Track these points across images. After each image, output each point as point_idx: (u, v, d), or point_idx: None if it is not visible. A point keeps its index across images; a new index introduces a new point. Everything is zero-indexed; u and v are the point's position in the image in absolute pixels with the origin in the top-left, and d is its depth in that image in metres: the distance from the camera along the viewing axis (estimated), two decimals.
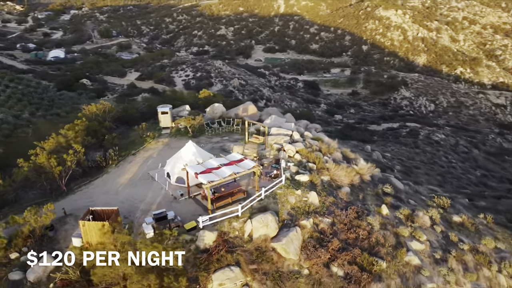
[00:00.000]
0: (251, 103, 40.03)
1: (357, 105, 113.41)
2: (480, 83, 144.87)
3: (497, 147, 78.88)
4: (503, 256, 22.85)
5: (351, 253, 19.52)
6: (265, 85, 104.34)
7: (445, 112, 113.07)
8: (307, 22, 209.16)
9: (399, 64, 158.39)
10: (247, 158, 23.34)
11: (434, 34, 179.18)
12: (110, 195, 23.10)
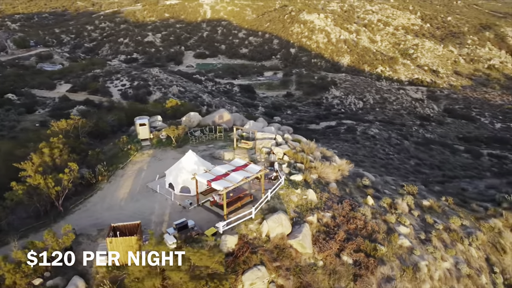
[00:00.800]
0: (225, 110, 41.00)
1: (293, 106, 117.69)
2: (398, 80, 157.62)
3: (422, 138, 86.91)
4: (469, 232, 26.16)
5: (355, 242, 21.32)
6: (203, 91, 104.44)
7: (372, 109, 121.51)
8: (235, 27, 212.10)
9: (326, 65, 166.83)
10: (251, 163, 24.27)
11: (354, 36, 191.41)
12: (115, 211, 22.59)
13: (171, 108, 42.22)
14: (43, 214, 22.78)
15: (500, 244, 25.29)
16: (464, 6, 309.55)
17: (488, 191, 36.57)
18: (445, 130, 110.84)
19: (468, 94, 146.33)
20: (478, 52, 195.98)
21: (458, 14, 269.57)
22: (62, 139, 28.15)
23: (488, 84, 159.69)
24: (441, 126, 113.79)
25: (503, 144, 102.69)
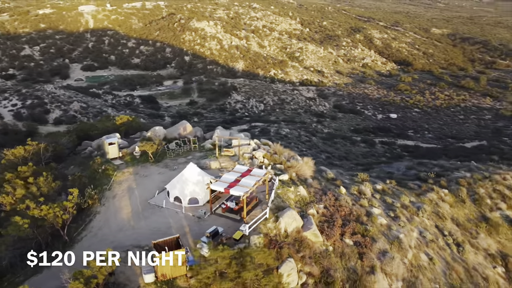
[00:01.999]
0: (186, 122, 40.77)
1: (198, 113, 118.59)
2: (290, 81, 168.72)
3: (325, 133, 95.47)
4: (418, 206, 31.02)
5: (350, 226, 24.16)
6: (106, 105, 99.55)
7: (273, 110, 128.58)
8: (123, 36, 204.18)
9: (222, 71, 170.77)
10: (254, 167, 25.30)
11: (245, 42, 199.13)
12: (129, 231, 21.73)
13: (123, 125, 40.53)
14: (45, 247, 20.88)
15: (440, 213, 30.65)
16: (334, 12, 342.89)
17: (409, 171, 43.15)
18: (338, 124, 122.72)
19: (351, 90, 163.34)
20: (352, 52, 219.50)
21: (331, 19, 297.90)
22: (32, 167, 25.64)
23: (365, 80, 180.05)
24: (334, 121, 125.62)
25: (386, 132, 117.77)
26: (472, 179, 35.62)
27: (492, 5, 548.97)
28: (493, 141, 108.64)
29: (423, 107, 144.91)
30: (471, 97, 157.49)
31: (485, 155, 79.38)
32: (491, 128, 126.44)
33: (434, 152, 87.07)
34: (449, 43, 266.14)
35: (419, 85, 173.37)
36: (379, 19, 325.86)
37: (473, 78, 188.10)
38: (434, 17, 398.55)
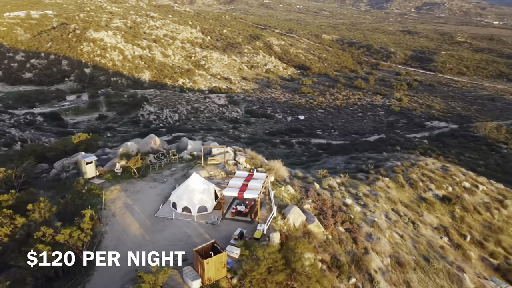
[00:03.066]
0: (155, 136, 40.24)
1: (110, 128, 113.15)
2: (200, 89, 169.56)
3: (246, 137, 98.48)
4: (374, 194, 34.54)
5: (339, 216, 26.18)
6: (5, 125, 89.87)
7: (187, 119, 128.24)
8: (8, 49, 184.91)
9: (128, 83, 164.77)
10: (254, 171, 25.77)
11: (148, 52, 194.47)
12: (149, 246, 21.26)
13: (82, 143, 38.03)
14: (62, 274, 19.01)
15: (391, 198, 34.75)
16: (232, 20, 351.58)
17: (349, 165, 47.49)
18: (253, 129, 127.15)
19: (259, 95, 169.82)
20: (255, 59, 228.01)
21: (230, 27, 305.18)
22: (15, 194, 22.86)
23: (271, 85, 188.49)
24: (249, 126, 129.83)
25: (298, 133, 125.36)
26: (403, 167, 41.15)
27: (368, 13, 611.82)
28: (389, 133, 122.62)
29: (326, 107, 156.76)
30: (364, 96, 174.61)
31: (390, 146, 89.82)
32: (385, 122, 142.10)
33: (345, 147, 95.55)
34: (338, 48, 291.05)
35: (319, 87, 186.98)
36: (274, 26, 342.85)
37: (363, 78, 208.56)
38: (322, 24, 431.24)
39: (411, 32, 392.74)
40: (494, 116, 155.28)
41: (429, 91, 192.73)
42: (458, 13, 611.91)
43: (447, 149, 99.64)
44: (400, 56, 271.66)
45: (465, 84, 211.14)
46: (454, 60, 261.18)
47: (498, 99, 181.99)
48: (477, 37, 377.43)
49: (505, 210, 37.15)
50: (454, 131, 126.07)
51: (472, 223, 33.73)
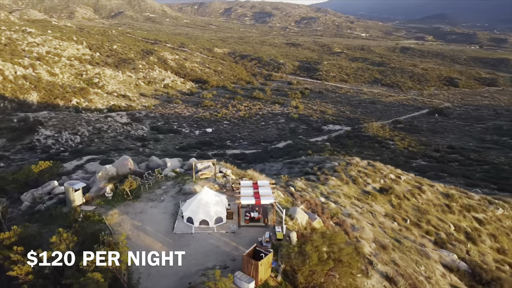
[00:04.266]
0: (128, 157, 38.65)
1: (3, 157, 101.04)
2: (97, 109, 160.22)
3: (162, 155, 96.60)
4: (333, 191, 37.55)
5: (327, 213, 28.05)
6: None
7: (91, 140, 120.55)
8: None
9: (12, 106, 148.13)
10: (258, 179, 25.93)
11: (31, 71, 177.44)
12: (184, 261, 21.54)
13: (45, 172, 34.59)
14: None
15: (345, 194, 38.24)
16: (119, 35, 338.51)
17: (292, 170, 50.27)
18: (163, 145, 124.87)
19: (162, 111, 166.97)
20: (151, 74, 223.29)
21: (119, 42, 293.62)
22: (18, 230, 19.49)
23: (172, 100, 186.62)
24: (158, 143, 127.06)
25: (209, 146, 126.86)
26: (342, 166, 45.56)
27: (253, 27, 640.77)
28: (294, 139, 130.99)
29: (230, 119, 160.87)
30: (264, 105, 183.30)
31: (302, 151, 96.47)
32: (288, 129, 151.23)
33: (260, 155, 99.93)
34: (231, 61, 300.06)
35: (220, 100, 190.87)
36: (165, 41, 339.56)
37: (260, 89, 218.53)
38: (212, 38, 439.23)
39: (294, 44, 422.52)
40: (377, 116, 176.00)
41: (320, 97, 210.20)
42: (331, 26, 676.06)
43: (348, 149, 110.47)
44: (289, 67, 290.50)
45: (348, 90, 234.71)
46: (336, 68, 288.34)
47: (377, 102, 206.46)
48: (350, 47, 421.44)
49: (424, 194, 43.83)
50: (348, 133, 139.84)
51: (406, 209, 39.30)
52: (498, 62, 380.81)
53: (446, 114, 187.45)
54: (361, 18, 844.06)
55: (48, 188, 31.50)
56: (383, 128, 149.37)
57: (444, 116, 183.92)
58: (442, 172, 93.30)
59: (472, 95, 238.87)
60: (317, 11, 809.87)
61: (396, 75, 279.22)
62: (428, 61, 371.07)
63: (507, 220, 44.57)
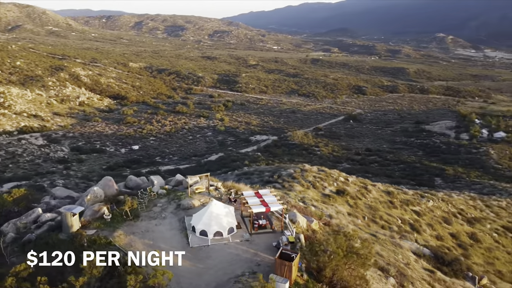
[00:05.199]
0: (111, 178, 36.98)
1: None
2: (6, 131, 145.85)
3: (84, 176, 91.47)
4: (303, 196, 39.11)
5: (314, 215, 29.29)
6: None
7: (5, 166, 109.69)
8: None
9: None
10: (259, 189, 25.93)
11: None
12: (210, 272, 22.76)
13: (20, 199, 32.01)
14: None
15: (313, 198, 40.03)
16: (21, 50, 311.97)
17: (250, 180, 50.98)
18: (88, 166, 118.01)
19: (81, 130, 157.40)
20: (64, 92, 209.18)
21: (22, 58, 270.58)
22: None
23: (90, 118, 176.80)
24: (82, 164, 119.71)
25: (138, 163, 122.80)
26: (299, 173, 47.70)
27: (166, 41, 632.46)
28: (225, 151, 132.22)
29: (156, 134, 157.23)
30: (189, 119, 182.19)
31: (239, 162, 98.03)
32: (216, 142, 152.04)
33: (196, 169, 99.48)
34: (149, 76, 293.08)
35: (143, 115, 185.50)
36: (74, 56, 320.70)
37: (183, 103, 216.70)
38: (125, 52, 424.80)
39: (211, 58, 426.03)
40: (299, 125, 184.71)
41: (243, 109, 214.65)
42: (244, 39, 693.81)
43: (279, 157, 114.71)
44: (209, 80, 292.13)
45: (268, 101, 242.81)
46: (254, 80, 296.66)
47: (297, 111, 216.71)
48: (265, 60, 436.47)
49: (370, 193, 47.90)
50: (276, 142, 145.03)
51: (362, 207, 42.68)
52: (396, 70, 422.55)
53: (360, 120, 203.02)
54: (272, 31, 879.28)
55: (33, 216, 28.64)
56: (307, 136, 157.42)
57: (358, 122, 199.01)
58: (366, 173, 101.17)
59: (378, 102, 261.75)
60: (229, 24, 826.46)
61: (311, 85, 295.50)
62: (336, 71, 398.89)
63: (437, 210, 50.59)
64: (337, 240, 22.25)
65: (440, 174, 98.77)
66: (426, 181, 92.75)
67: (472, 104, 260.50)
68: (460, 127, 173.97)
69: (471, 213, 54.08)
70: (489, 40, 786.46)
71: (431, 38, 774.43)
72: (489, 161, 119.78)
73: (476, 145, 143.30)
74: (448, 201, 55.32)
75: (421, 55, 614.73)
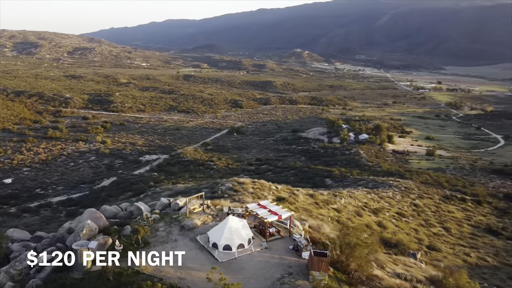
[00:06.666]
0: (95, 210, 33.98)
1: None
2: None
3: None
4: None
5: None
6: None
7: None
8: None
9: None
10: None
11: None
12: (252, 281, 23.77)
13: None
14: None
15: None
16: None
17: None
18: None
19: None
20: None
21: None
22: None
23: None
24: None
25: (16, 199, 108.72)
26: (238, 186, 48.82)
27: (18, 59, 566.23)
28: (117, 175, 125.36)
29: (31, 164, 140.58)
30: (66, 145, 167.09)
31: (142, 184, 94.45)
32: (103, 166, 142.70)
33: (93, 197, 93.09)
34: (5, 99, 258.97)
35: (8, 144, 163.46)
36: None
37: (54, 128, 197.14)
38: None
39: (75, 77, 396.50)
40: (186, 141, 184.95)
41: (124, 130, 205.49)
42: (109, 56, 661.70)
43: (178, 175, 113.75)
44: (78, 101, 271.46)
45: (149, 119, 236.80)
46: (130, 99, 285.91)
47: (181, 128, 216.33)
48: (136, 77, 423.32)
49: (299, 198, 52.12)
50: (169, 160, 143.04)
51: (301, 210, 46.21)
52: (264, 84, 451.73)
53: (243, 132, 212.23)
54: (138, 48, 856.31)
55: (27, 260, 24.14)
56: (197, 151, 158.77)
57: (241, 134, 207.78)
58: (266, 181, 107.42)
59: (255, 114, 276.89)
60: (90, 41, 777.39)
61: (189, 101, 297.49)
62: (210, 87, 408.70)
63: (349, 206, 57.58)
64: (356, 234, 25.36)
65: (328, 175, 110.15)
66: (318, 182, 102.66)
67: (334, 111, 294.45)
68: (331, 132, 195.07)
69: (373, 205, 62.87)
70: (337, 55, 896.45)
71: (290, 53, 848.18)
72: (361, 160, 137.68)
73: (348, 147, 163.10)
74: (354, 197, 63.27)
75: (283, 69, 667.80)
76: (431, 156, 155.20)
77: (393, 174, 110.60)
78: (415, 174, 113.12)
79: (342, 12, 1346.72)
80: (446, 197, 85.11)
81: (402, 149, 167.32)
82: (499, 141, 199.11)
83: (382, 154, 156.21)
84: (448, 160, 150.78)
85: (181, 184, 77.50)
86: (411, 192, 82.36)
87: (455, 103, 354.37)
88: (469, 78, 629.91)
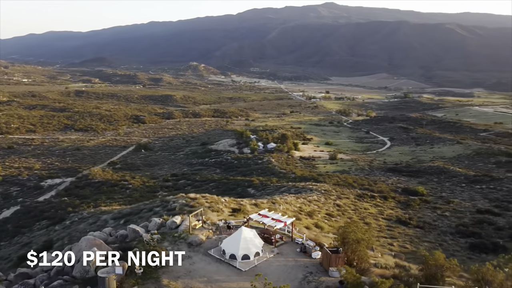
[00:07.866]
0: (92, 237, 30.07)
1: None
2: None
3: None
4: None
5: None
6: None
7: None
8: None
9: None
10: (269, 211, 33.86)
11: None
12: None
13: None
14: None
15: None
16: None
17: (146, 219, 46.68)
18: None
19: None
20: None
21: None
22: None
23: None
24: None
25: None
26: (193, 202, 48.06)
27: None
28: (20, 204, 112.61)
29: None
30: None
31: (61, 211, 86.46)
32: None
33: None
34: None
35: None
36: None
37: None
38: None
39: None
40: (90, 162, 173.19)
41: (14, 153, 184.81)
42: None
43: (94, 197, 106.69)
44: None
45: (43, 140, 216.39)
46: (15, 119, 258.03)
47: (82, 148, 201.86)
48: (18, 95, 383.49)
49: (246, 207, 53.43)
50: (76, 183, 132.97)
51: None
52: (164, 98, 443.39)
53: (150, 148, 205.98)
54: (16, 62, 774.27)
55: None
56: (106, 171, 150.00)
57: (149, 150, 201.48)
58: None
59: (160, 129, 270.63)
60: None
61: (86, 119, 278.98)
62: (106, 102, 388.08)
63: (288, 212, 60.69)
64: (359, 231, 28.01)
65: (249, 185, 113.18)
66: (242, 192, 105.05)
67: (238, 122, 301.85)
68: (240, 143, 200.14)
69: (306, 209, 67.18)
70: (233, 67, 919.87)
71: (186, 66, 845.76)
72: (275, 168, 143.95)
73: (259, 156, 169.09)
74: (289, 203, 66.91)
75: (181, 82, 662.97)
76: (334, 159, 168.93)
77: (308, 179, 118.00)
78: (326, 177, 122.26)
79: (234, 26, 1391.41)
80: (359, 196, 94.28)
81: (308, 155, 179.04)
82: (386, 143, 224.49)
83: (292, 161, 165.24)
84: (349, 162, 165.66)
85: (103, 207, 73.45)
86: (330, 194, 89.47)
87: (344, 110, 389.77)
88: (351, 87, 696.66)
